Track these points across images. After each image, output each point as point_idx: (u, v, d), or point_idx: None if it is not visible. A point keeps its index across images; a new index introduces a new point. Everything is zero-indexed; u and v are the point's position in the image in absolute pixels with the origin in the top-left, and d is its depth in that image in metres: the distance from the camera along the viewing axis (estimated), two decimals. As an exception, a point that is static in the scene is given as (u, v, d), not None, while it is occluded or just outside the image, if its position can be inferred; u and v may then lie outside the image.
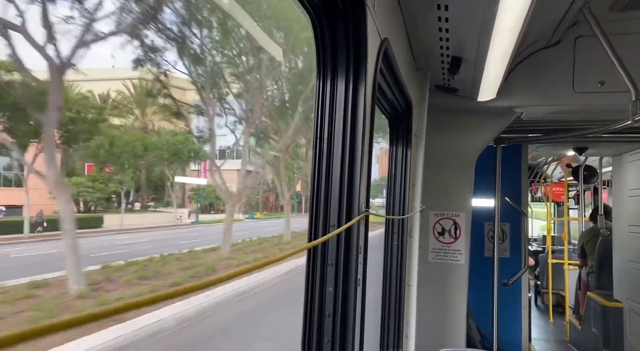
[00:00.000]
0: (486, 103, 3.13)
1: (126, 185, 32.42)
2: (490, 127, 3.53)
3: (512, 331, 5.28)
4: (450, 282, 3.66)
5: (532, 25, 2.17)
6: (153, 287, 13.44)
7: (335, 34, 1.50)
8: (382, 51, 1.76)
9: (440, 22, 2.11)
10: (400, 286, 2.89)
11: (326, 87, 1.56)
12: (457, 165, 3.65)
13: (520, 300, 5.39)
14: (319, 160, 1.55)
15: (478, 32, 2.07)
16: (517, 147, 5.41)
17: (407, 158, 2.86)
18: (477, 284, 4.32)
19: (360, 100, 1.54)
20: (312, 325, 1.51)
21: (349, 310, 1.51)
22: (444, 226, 3.70)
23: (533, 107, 3.28)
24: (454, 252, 3.67)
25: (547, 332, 8.17)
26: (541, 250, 11.19)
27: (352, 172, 1.53)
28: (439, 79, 3.01)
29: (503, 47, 2.15)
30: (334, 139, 1.55)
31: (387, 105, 2.55)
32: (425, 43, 2.49)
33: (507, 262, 5.27)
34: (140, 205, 39.65)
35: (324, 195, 1.54)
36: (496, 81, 2.70)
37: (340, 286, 1.50)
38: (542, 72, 3.04)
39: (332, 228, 1.52)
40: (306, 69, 24.55)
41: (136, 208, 38.58)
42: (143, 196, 40.09)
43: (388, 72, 2.07)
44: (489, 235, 5.33)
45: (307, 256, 1.54)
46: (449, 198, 3.69)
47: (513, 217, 5.39)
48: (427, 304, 3.49)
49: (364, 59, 1.53)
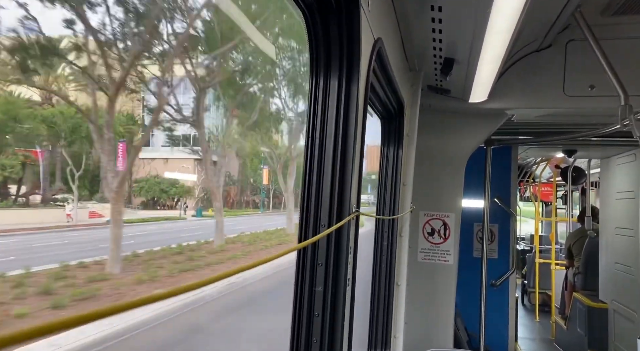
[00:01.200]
0: (478, 104, 3.14)
1: (11, 171, 26.24)
2: (481, 128, 3.54)
3: (499, 330, 5.32)
4: (438, 282, 3.68)
5: (524, 29, 2.18)
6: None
7: (329, 33, 1.49)
8: (376, 51, 1.76)
9: (434, 23, 2.11)
10: (389, 285, 2.89)
11: (319, 86, 1.55)
12: (447, 166, 3.66)
13: (507, 300, 5.44)
14: (311, 160, 1.54)
15: (471, 34, 2.07)
16: (507, 148, 5.45)
17: (398, 158, 2.86)
18: (465, 284, 4.34)
19: (352, 99, 1.54)
20: (300, 325, 1.51)
21: (338, 310, 1.51)
22: (434, 226, 3.71)
23: (524, 110, 3.30)
24: (443, 252, 3.68)
25: (533, 331, 8.25)
26: (528, 249, 11.28)
27: (344, 171, 1.53)
28: (431, 79, 3.02)
29: (495, 49, 2.16)
30: (326, 138, 1.54)
31: (379, 104, 2.55)
32: (418, 44, 2.49)
33: (496, 263, 5.30)
34: (42, 198, 30.92)
35: (315, 195, 1.53)
36: (488, 83, 2.71)
37: (329, 286, 1.50)
38: (533, 75, 3.06)
39: (323, 228, 1.51)
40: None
41: (37, 201, 30.41)
42: (44, 187, 31.07)
43: (381, 72, 2.07)
44: (478, 236, 5.36)
45: (297, 256, 1.53)
46: (439, 198, 3.70)
47: (502, 218, 5.42)
48: (416, 304, 3.50)
49: (357, 59, 1.52)
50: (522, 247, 11.76)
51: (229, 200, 55.81)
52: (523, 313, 9.07)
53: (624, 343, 5.41)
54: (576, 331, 6.31)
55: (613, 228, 5.75)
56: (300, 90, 29.91)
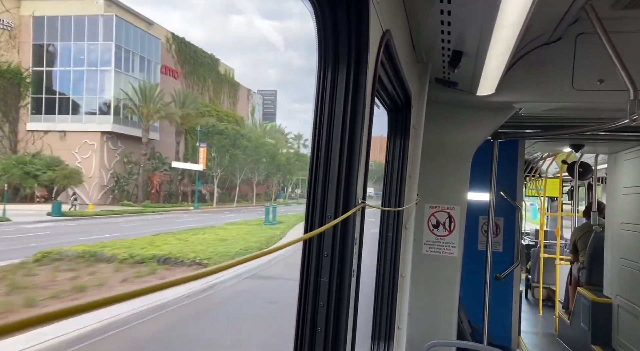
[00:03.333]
0: (485, 97, 3.13)
1: None
2: (489, 121, 3.53)
3: (503, 324, 5.34)
4: (443, 275, 3.69)
5: (533, 21, 2.17)
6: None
7: (337, 25, 1.49)
8: (384, 43, 1.76)
9: (443, 16, 2.10)
10: (393, 277, 2.91)
11: (327, 77, 1.55)
12: (454, 159, 3.65)
13: (511, 294, 5.45)
14: (318, 151, 1.55)
15: (480, 26, 2.07)
16: (514, 142, 5.43)
17: (405, 151, 2.86)
18: (470, 277, 4.36)
19: (360, 91, 1.54)
20: (305, 314, 1.53)
21: (343, 300, 1.52)
22: (439, 219, 3.72)
23: (531, 103, 3.28)
24: (447, 245, 3.69)
25: (536, 325, 8.26)
26: (533, 244, 11.28)
27: (351, 163, 1.54)
28: (439, 72, 3.01)
29: (504, 42, 2.15)
30: (333, 130, 1.55)
31: (386, 96, 2.55)
32: (427, 36, 2.48)
33: (500, 256, 5.31)
34: None
35: (321, 186, 1.54)
36: (496, 76, 2.70)
37: (335, 277, 1.52)
38: (542, 68, 3.04)
39: (329, 219, 1.52)
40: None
41: None
42: None
43: (389, 64, 2.07)
44: (483, 229, 5.36)
45: (302, 246, 1.54)
46: (445, 191, 3.70)
47: (507, 212, 5.42)
48: (420, 296, 3.52)
49: (365, 51, 1.52)
50: (527, 242, 11.75)
51: (152, 190, 41.00)
52: (527, 307, 9.08)
53: (628, 338, 5.41)
54: (580, 326, 6.31)
55: (619, 224, 5.73)
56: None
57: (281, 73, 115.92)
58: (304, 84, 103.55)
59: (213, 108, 32.94)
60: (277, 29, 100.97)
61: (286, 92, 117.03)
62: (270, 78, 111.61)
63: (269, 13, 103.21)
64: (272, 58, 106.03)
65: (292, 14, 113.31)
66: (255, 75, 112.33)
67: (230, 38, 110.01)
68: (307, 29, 79.02)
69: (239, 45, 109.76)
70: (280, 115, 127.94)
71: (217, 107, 33.65)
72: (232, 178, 42.24)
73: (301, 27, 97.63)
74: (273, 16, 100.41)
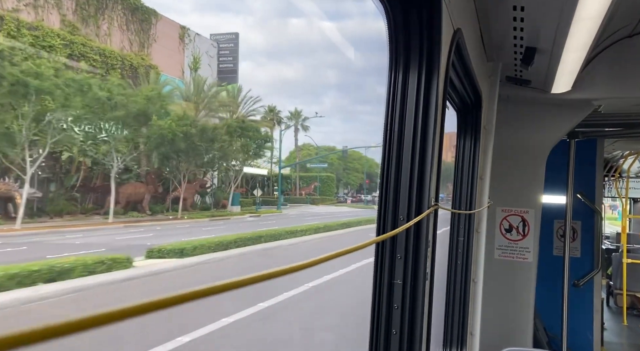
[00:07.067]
0: (560, 95, 2.99)
1: None
2: (564, 120, 3.37)
3: (583, 333, 5.04)
4: (516, 280, 3.55)
5: (616, 13, 2.05)
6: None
7: (409, 26, 1.49)
8: (455, 42, 1.73)
9: (515, 11, 2.04)
10: (465, 282, 2.83)
11: (398, 79, 1.55)
12: (527, 160, 3.51)
13: (592, 302, 5.14)
14: (389, 153, 1.55)
15: (556, 20, 1.98)
16: (592, 141, 5.13)
17: (475, 152, 2.79)
18: (545, 284, 4.16)
19: (432, 92, 1.52)
20: (380, 316, 1.53)
21: (418, 303, 1.51)
22: (512, 222, 3.59)
23: (613, 100, 3.10)
24: (521, 250, 3.55)
25: (620, 336, 7.73)
26: (614, 248, 10.61)
27: (423, 165, 1.52)
28: (510, 70, 2.91)
29: (583, 36, 2.04)
30: (404, 132, 1.54)
31: (456, 96, 2.50)
32: (498, 33, 2.41)
33: (578, 262, 5.03)
34: None
35: (393, 188, 1.54)
36: (573, 72, 2.58)
37: (409, 280, 1.51)
38: (625, 63, 2.86)
39: (402, 222, 1.52)
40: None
41: None
42: None
43: (459, 64, 2.03)
44: (559, 233, 5.10)
45: (375, 248, 1.55)
46: (518, 193, 3.56)
47: (585, 215, 5.13)
48: (492, 301, 3.41)
49: (437, 51, 1.51)
50: (607, 245, 11.06)
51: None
52: (609, 316, 8.53)
53: None
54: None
55: None
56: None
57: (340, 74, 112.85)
58: (364, 85, 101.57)
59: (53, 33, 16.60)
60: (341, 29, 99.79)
61: (348, 93, 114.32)
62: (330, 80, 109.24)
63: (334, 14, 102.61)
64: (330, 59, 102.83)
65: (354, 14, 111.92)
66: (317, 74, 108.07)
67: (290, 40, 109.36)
68: (370, 28, 74.24)
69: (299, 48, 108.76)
70: (338, 116, 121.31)
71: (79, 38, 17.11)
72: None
73: (361, 27, 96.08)
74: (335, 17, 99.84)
